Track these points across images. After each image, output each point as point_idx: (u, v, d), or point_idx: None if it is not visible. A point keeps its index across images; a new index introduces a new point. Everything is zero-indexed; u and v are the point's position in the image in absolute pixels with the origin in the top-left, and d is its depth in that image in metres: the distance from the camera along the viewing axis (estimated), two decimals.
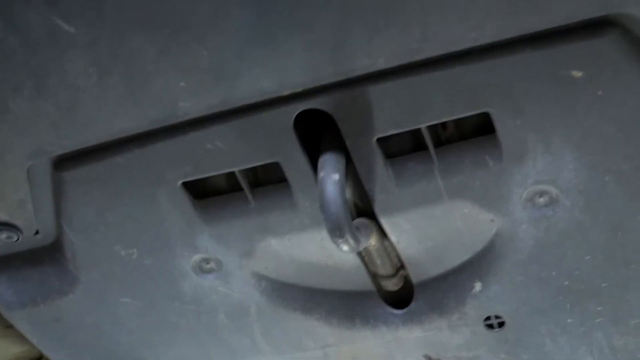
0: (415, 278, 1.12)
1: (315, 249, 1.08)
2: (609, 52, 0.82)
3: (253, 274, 1.14)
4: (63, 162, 1.00)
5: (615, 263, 1.03)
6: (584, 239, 1.00)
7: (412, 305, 1.14)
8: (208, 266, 1.14)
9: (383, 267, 1.13)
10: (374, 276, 1.14)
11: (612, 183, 0.94)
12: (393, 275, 1.14)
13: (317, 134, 0.97)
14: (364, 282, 1.13)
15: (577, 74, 0.85)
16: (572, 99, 0.87)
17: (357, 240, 0.92)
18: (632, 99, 0.86)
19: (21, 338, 1.37)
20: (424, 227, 1.04)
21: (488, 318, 1.13)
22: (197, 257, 1.12)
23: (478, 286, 1.09)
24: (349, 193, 1.02)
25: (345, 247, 0.92)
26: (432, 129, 0.94)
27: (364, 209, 1.04)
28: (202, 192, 1.08)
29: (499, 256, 1.05)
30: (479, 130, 0.95)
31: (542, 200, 0.97)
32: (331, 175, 0.90)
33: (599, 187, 0.95)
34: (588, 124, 0.89)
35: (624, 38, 0.81)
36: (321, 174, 0.90)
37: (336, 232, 0.90)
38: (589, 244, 1.01)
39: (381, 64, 0.85)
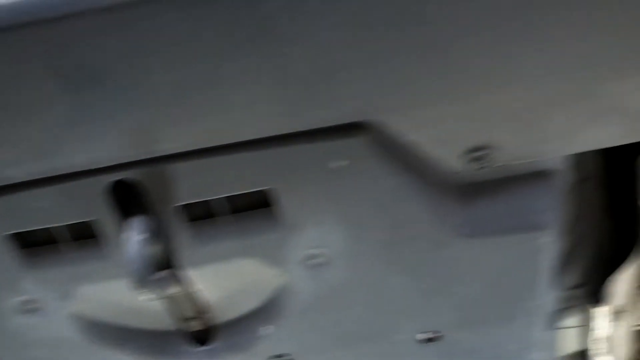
0: (216, 320, 1.27)
1: (127, 293, 1.21)
2: (365, 148, 1.01)
3: (71, 314, 1.25)
4: None
5: (377, 313, 1.22)
6: (352, 293, 1.19)
7: (214, 343, 1.29)
8: (31, 307, 1.23)
9: (188, 310, 1.27)
10: (181, 318, 1.28)
11: (373, 250, 1.14)
12: (197, 318, 1.29)
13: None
14: (171, 322, 1.27)
15: (342, 163, 1.03)
16: (338, 182, 1.05)
17: (158, 290, 1.07)
18: (384, 186, 1.06)
19: None
20: (222, 278, 1.20)
21: (279, 356, 1.30)
22: (21, 298, 1.22)
23: (268, 329, 1.26)
24: (158, 248, 1.15)
25: (146, 297, 1.06)
26: (228, 198, 1.10)
27: (171, 262, 1.18)
28: (32, 240, 1.18)
29: (284, 305, 1.22)
30: (266, 202, 1.12)
31: (316, 261, 1.15)
32: (135, 235, 1.04)
33: (363, 252, 1.14)
34: (351, 203, 1.08)
35: (377, 138, 1.00)
36: (127, 234, 1.04)
37: (138, 284, 1.04)
38: (356, 298, 1.20)
39: (180, 148, 1.00)
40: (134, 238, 1.04)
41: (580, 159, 1.31)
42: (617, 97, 0.97)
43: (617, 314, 1.54)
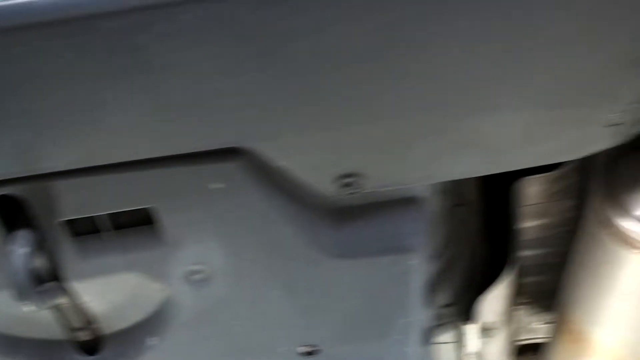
0: (104, 331, 1.31)
1: (16, 304, 1.23)
2: (241, 172, 1.06)
3: None
4: None
5: (258, 327, 1.28)
6: (232, 308, 1.25)
7: (102, 353, 1.33)
8: None
9: (76, 321, 1.30)
10: (69, 328, 1.31)
11: (251, 267, 1.19)
12: (85, 328, 1.32)
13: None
14: (60, 332, 1.30)
15: (220, 185, 1.08)
16: (217, 203, 1.11)
17: (41, 302, 1.10)
18: (260, 208, 1.12)
19: None
20: (108, 291, 1.24)
21: None
22: None
23: (154, 340, 1.30)
24: (42, 261, 1.19)
25: (29, 308, 1.09)
26: (111, 215, 1.14)
27: (56, 275, 1.21)
28: None
29: (169, 317, 1.26)
30: (149, 219, 1.16)
31: (198, 277, 1.20)
32: (17, 249, 1.07)
33: (241, 270, 1.19)
34: (229, 223, 1.13)
35: (251, 163, 1.06)
36: (10, 248, 1.07)
37: (20, 296, 1.08)
38: (237, 312, 1.26)
39: (62, 166, 1.04)
40: (17, 251, 1.07)
41: (455, 186, 1.40)
42: (472, 133, 1.05)
43: (486, 330, 1.63)
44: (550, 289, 1.72)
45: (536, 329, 2.04)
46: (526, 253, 1.75)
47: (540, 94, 1.01)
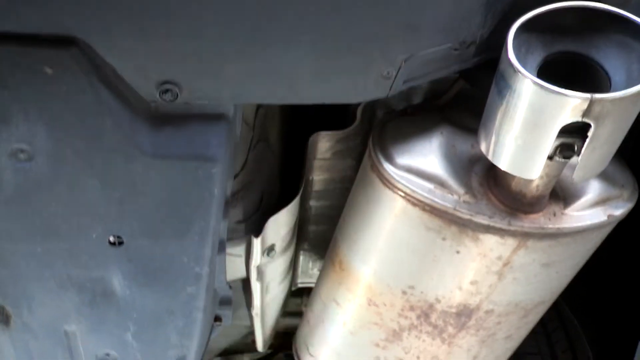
0: None
1: None
2: (71, 61, 1.12)
3: None
4: None
5: (72, 213, 1.32)
6: (51, 190, 1.29)
7: None
8: None
9: None
10: None
11: (71, 154, 1.24)
12: None
13: None
14: None
15: (49, 70, 1.13)
16: (45, 87, 1.15)
17: None
18: (86, 99, 1.18)
19: None
20: None
21: None
22: None
23: None
24: None
25: None
26: None
27: None
28: None
29: None
30: None
31: (22, 155, 1.23)
32: None
33: (62, 155, 1.24)
34: (55, 108, 1.18)
35: (83, 54, 1.12)
36: None
37: None
38: (55, 195, 1.30)
39: None
40: None
41: (260, 124, 1.53)
42: (272, 62, 1.18)
43: (269, 251, 1.78)
44: (328, 237, 1.90)
45: (314, 274, 2.23)
46: (312, 203, 1.93)
47: (329, 37, 1.16)
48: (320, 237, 2.07)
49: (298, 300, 2.59)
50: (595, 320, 2.29)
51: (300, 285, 2.27)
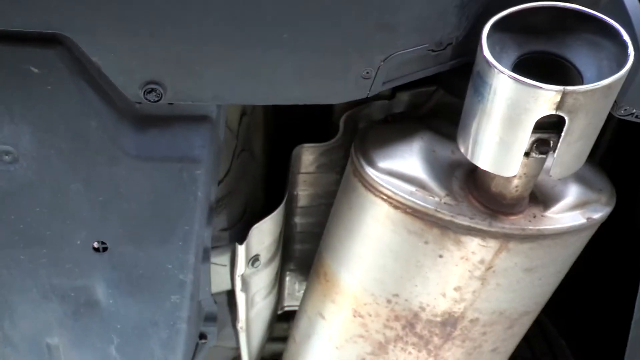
0: None
1: None
2: (57, 60, 1.13)
3: None
4: None
5: (56, 217, 1.32)
6: (35, 194, 1.28)
7: None
8: None
9: None
10: None
11: (56, 156, 1.24)
12: None
13: None
14: None
15: (35, 70, 1.14)
16: (30, 87, 1.16)
17: None
18: (72, 99, 1.18)
19: None
20: None
21: None
22: None
23: None
24: None
25: None
26: None
27: None
28: None
29: None
30: None
31: (6, 157, 1.23)
32: None
33: (47, 157, 1.24)
34: (40, 108, 1.18)
35: (69, 53, 1.13)
36: None
37: None
38: (39, 198, 1.29)
39: None
40: None
41: (243, 133, 1.54)
42: (253, 64, 1.19)
43: (253, 261, 1.77)
44: (313, 257, 1.89)
45: (300, 296, 2.20)
46: (297, 220, 1.93)
47: (308, 38, 1.18)
48: (306, 257, 2.06)
49: (285, 325, 2.56)
50: (581, 340, 2.28)
51: (286, 309, 2.25)
